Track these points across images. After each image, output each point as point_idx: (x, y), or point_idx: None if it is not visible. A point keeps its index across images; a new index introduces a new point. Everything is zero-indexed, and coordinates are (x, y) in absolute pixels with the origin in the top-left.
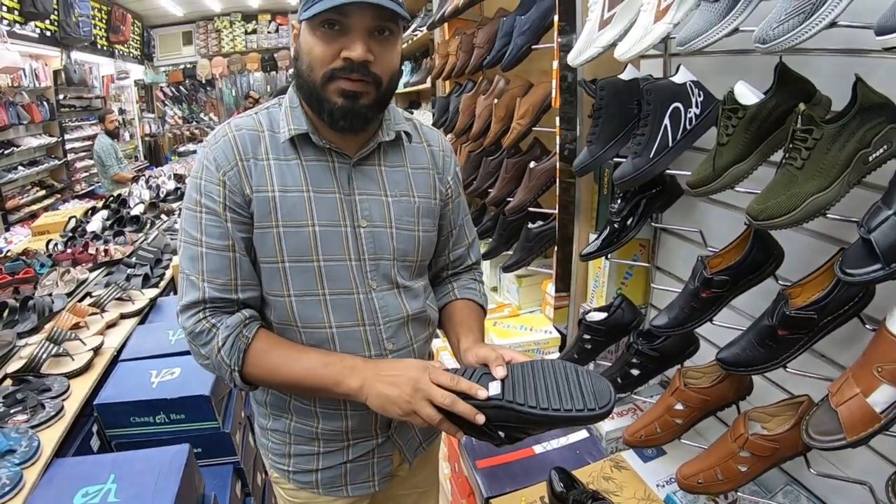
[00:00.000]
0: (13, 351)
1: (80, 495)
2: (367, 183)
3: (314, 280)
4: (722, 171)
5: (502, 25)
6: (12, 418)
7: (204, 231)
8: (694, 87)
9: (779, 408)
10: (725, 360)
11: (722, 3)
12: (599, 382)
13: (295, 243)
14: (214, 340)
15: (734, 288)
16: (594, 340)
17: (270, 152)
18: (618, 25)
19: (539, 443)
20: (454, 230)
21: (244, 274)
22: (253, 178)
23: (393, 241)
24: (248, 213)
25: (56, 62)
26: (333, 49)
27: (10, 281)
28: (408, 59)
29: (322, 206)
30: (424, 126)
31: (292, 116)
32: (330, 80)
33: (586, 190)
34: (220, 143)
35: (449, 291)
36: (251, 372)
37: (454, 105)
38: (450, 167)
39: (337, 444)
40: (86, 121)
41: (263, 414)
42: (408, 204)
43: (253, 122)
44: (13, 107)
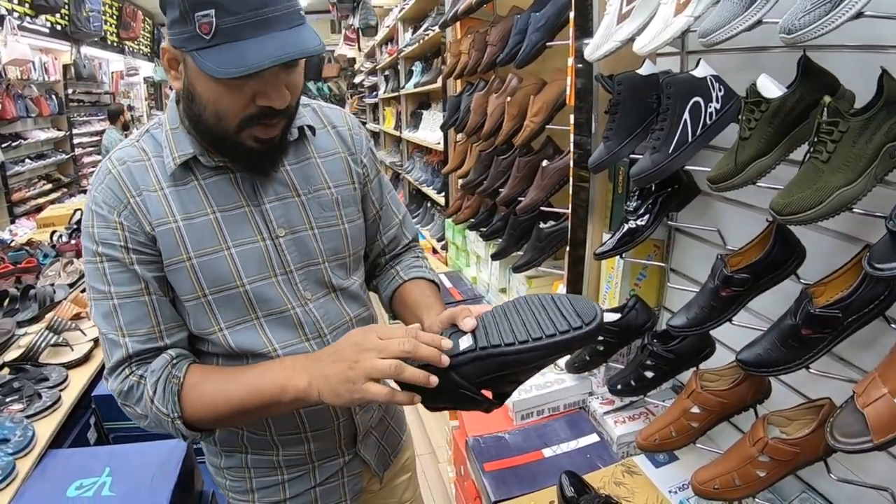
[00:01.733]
0: (12, 339)
1: (74, 488)
2: (276, 187)
3: (244, 307)
4: (744, 165)
5: (516, 23)
6: (7, 407)
7: (110, 281)
8: (714, 82)
9: (798, 411)
10: (746, 360)
11: None
12: (581, 301)
13: (213, 272)
14: (145, 392)
15: (755, 287)
16: (606, 342)
17: (162, 180)
18: (637, 19)
19: (548, 446)
20: (380, 211)
21: (166, 317)
22: (150, 212)
23: (318, 243)
24: (155, 251)
25: (66, 56)
26: (245, 97)
27: (12, 270)
28: (418, 59)
29: (232, 225)
30: (325, 107)
31: (175, 141)
32: (244, 128)
33: (600, 188)
34: (104, 182)
35: (394, 276)
36: (193, 414)
37: (465, 104)
38: (362, 145)
39: (301, 468)
40: (94, 116)
41: (214, 452)
42: (325, 198)
43: (136, 152)
44: (22, 99)
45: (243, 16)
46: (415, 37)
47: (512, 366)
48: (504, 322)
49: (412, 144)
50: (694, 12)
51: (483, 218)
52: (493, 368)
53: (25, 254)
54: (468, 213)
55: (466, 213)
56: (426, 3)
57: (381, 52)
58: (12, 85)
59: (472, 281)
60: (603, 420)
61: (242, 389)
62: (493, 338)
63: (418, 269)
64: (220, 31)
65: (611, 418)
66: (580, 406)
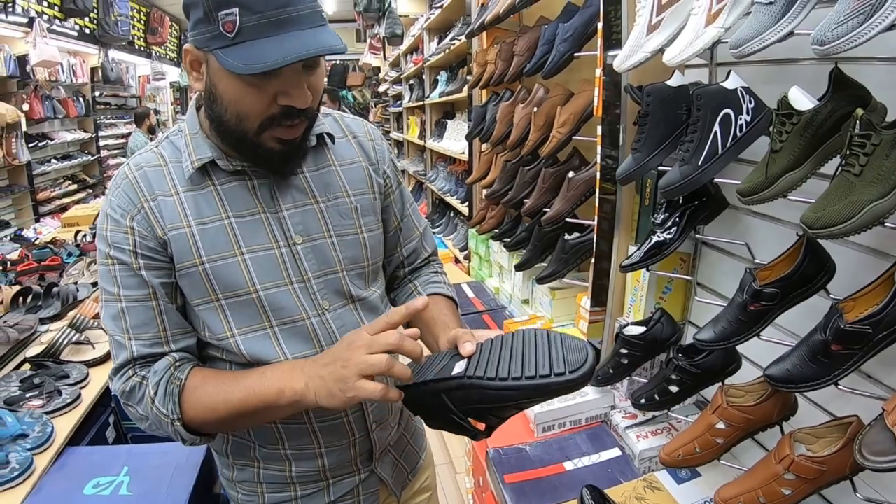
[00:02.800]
0: (34, 336)
1: (91, 485)
2: (294, 194)
3: (257, 313)
4: (775, 178)
5: (544, 33)
6: (27, 402)
7: (120, 284)
8: (745, 94)
9: (825, 429)
10: (775, 376)
11: (777, 5)
12: (576, 346)
13: (226, 277)
14: (146, 393)
15: (784, 302)
16: (631, 355)
17: (179, 185)
18: (667, 30)
19: (570, 459)
20: (401, 223)
21: (173, 323)
22: (164, 217)
23: (337, 252)
24: (165, 257)
25: (94, 60)
26: (267, 96)
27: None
28: (444, 68)
29: (247, 231)
30: (346, 117)
31: (194, 145)
32: (266, 129)
33: (627, 200)
34: (121, 187)
35: (412, 291)
36: (192, 417)
37: (491, 114)
38: (384, 156)
39: (315, 485)
40: (120, 119)
41: (226, 465)
42: (344, 206)
43: (154, 157)
44: (49, 100)
45: (266, 14)
46: (440, 46)
47: (492, 401)
48: (496, 354)
49: (436, 154)
50: (725, 23)
51: (507, 228)
52: (475, 399)
53: (49, 252)
54: (492, 224)
55: (491, 223)
56: (452, 13)
57: (406, 61)
58: (40, 86)
59: (494, 291)
60: (625, 434)
61: (241, 392)
62: (480, 369)
63: (436, 286)
64: (243, 29)
65: (633, 432)
66: (602, 419)
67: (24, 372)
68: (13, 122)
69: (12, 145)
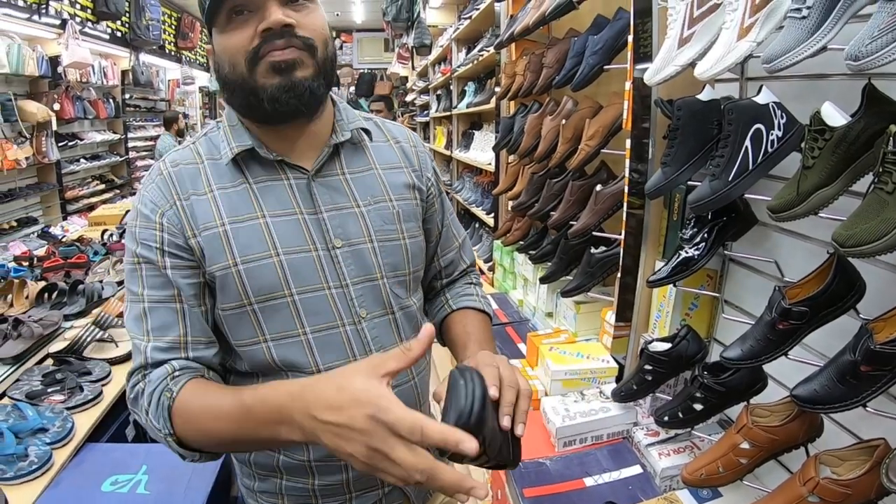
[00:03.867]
0: (58, 332)
1: (110, 482)
2: (334, 195)
3: (291, 318)
4: (807, 195)
5: (573, 45)
6: (49, 397)
7: (145, 284)
8: (777, 109)
9: (851, 451)
10: (802, 396)
11: (810, 19)
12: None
13: (260, 279)
14: (143, 402)
15: (813, 321)
16: (656, 371)
17: (213, 182)
18: (698, 44)
19: (590, 475)
20: (441, 232)
21: (195, 329)
22: (197, 216)
23: (378, 257)
24: (192, 258)
25: (124, 62)
26: (248, 31)
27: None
28: (471, 79)
29: (284, 231)
30: (388, 123)
31: (233, 135)
32: (255, 62)
33: (655, 215)
34: (154, 182)
35: (443, 304)
36: (185, 436)
37: (518, 126)
38: (426, 163)
39: (337, 498)
40: (149, 121)
41: (248, 474)
42: (386, 210)
43: (190, 154)
44: (80, 101)
45: None
46: (469, 57)
47: None
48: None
49: (462, 164)
50: (757, 38)
51: (533, 241)
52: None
53: (76, 249)
54: (518, 235)
55: (516, 234)
56: (481, 24)
57: (433, 71)
58: (72, 87)
59: (518, 304)
60: (647, 452)
61: (231, 425)
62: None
63: (468, 298)
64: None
65: (655, 450)
66: (624, 436)
67: (46, 367)
68: (44, 122)
69: (42, 144)
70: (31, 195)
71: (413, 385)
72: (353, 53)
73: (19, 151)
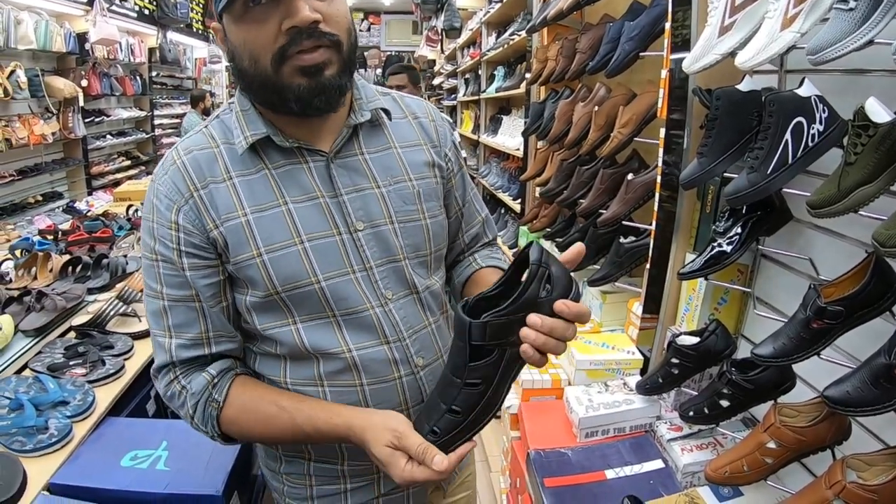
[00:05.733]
0: (81, 305)
1: (129, 457)
2: (354, 177)
3: (320, 304)
4: (848, 192)
5: (608, 31)
6: (71, 370)
7: (163, 282)
8: (819, 102)
9: (878, 456)
10: (834, 398)
11: (858, 11)
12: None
13: (286, 268)
14: (186, 407)
15: (847, 321)
16: (682, 365)
17: (231, 169)
18: (739, 32)
19: (611, 468)
20: (462, 209)
21: (216, 326)
22: (217, 206)
23: (399, 238)
24: (212, 255)
25: (152, 40)
26: (271, 26)
27: (87, 238)
28: (501, 63)
29: (306, 217)
30: (406, 97)
31: (246, 121)
32: (282, 62)
33: (688, 207)
34: (168, 173)
35: (471, 263)
36: (232, 436)
37: (549, 111)
38: (445, 138)
39: (366, 478)
40: (176, 99)
41: (273, 456)
42: (405, 190)
43: (204, 139)
44: (107, 78)
45: None
46: (499, 41)
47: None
48: None
49: (489, 149)
50: (801, 28)
51: (560, 228)
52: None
53: (101, 224)
54: (545, 222)
55: (543, 221)
56: (511, 8)
57: (462, 55)
58: (99, 63)
59: None
60: (669, 446)
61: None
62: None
63: (496, 259)
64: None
65: (678, 445)
66: (646, 429)
67: (69, 340)
68: (71, 98)
69: (69, 120)
70: (57, 170)
71: (441, 363)
72: (381, 35)
73: (46, 127)
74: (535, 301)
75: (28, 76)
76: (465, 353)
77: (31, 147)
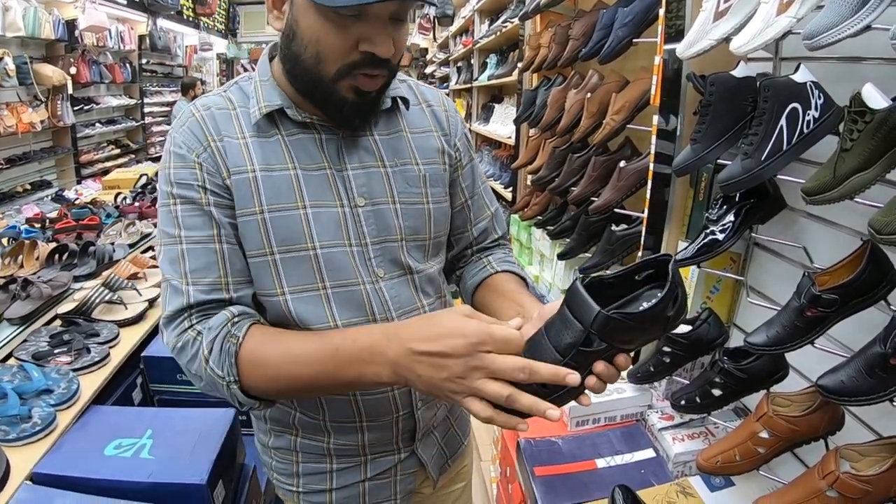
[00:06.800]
0: (67, 293)
1: (113, 446)
2: (361, 154)
3: (312, 272)
4: (843, 178)
5: (602, 17)
6: (55, 358)
7: (182, 224)
8: (814, 88)
9: (872, 447)
10: (828, 387)
11: None
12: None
13: (284, 229)
14: (200, 351)
15: (842, 309)
16: (674, 354)
17: (246, 129)
18: (735, 18)
19: (602, 457)
20: (469, 200)
21: (235, 269)
22: (229, 158)
23: (399, 219)
24: (230, 198)
25: (142, 27)
26: (350, 39)
27: (74, 226)
28: (493, 51)
29: (312, 185)
30: (422, 85)
31: (263, 92)
32: (344, 77)
33: (681, 194)
34: (186, 124)
35: (485, 265)
36: (251, 381)
37: (541, 99)
38: (456, 128)
39: (352, 459)
40: (166, 87)
41: (263, 430)
42: (411, 173)
43: (222, 101)
44: (97, 65)
45: None
46: (492, 28)
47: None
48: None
49: (482, 137)
50: (798, 13)
51: (551, 216)
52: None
53: (88, 211)
54: (536, 210)
55: (534, 209)
56: None
57: (455, 42)
58: (88, 51)
59: (534, 279)
60: (661, 435)
61: (312, 371)
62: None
63: (511, 265)
64: None
65: (669, 434)
66: (637, 418)
67: (54, 328)
68: (60, 85)
69: (58, 107)
70: (46, 158)
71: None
72: None
73: (34, 115)
74: (662, 317)
75: (17, 63)
76: (581, 337)
77: (19, 135)
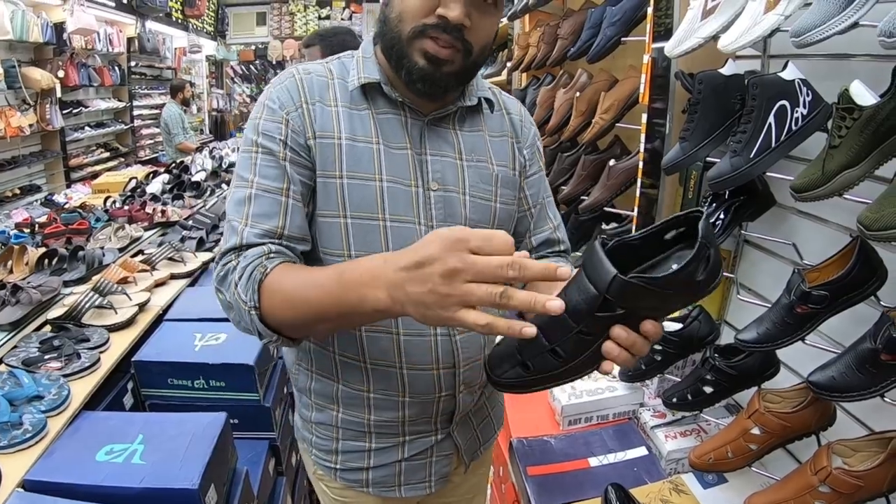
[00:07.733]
0: (57, 298)
1: (104, 452)
2: (441, 144)
3: (378, 241)
4: (832, 175)
5: (590, 16)
6: (45, 364)
7: (258, 172)
8: (802, 86)
9: (863, 442)
10: (819, 383)
11: None
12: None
13: (360, 197)
14: (233, 276)
15: (832, 306)
16: (665, 352)
17: (339, 99)
18: (722, 16)
19: (595, 455)
20: (533, 208)
21: (294, 224)
22: (318, 122)
23: (465, 209)
24: (309, 159)
25: (130, 30)
26: (430, 3)
27: (63, 230)
28: None
29: (392, 161)
30: (504, 94)
31: (363, 66)
32: (416, 37)
33: (670, 192)
34: (285, 83)
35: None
36: (269, 309)
37: (531, 98)
38: (528, 136)
39: (391, 439)
40: (155, 90)
41: (307, 404)
42: (485, 170)
43: (322, 69)
44: (85, 68)
45: None
46: None
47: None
48: None
49: None
50: (785, 11)
51: None
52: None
53: (78, 216)
54: None
55: None
56: None
57: None
58: (76, 54)
59: None
60: (653, 433)
61: (320, 291)
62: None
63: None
64: None
65: (661, 432)
66: (630, 416)
67: (44, 333)
68: (48, 89)
69: (46, 111)
70: (35, 163)
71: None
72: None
73: (23, 119)
74: (692, 281)
75: (4, 67)
76: (595, 302)
77: (7, 140)
